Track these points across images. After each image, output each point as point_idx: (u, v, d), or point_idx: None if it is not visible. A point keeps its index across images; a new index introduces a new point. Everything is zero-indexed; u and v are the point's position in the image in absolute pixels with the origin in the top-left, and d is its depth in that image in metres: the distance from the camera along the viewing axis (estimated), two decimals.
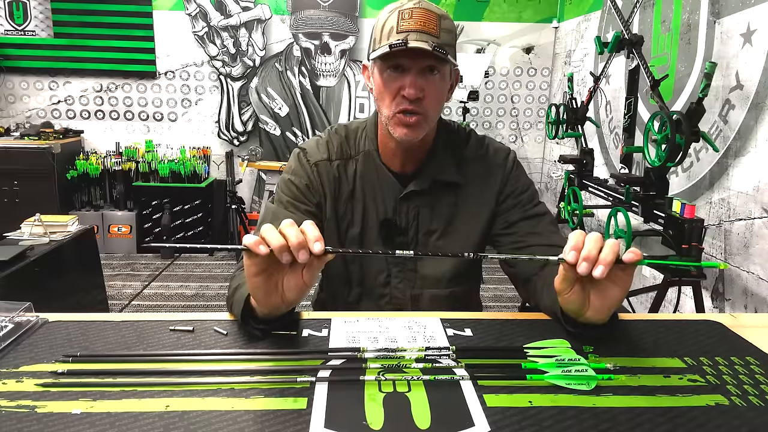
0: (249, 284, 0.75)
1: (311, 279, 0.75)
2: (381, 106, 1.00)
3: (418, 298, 1.11)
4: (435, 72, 0.96)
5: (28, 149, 3.84)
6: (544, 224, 1.08)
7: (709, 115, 2.11)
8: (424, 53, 0.92)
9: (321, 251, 0.70)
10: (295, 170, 1.10)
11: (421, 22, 0.92)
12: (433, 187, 1.07)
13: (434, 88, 0.97)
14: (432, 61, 0.94)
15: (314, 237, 0.70)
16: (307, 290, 0.76)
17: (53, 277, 2.22)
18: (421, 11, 0.93)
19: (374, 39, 0.98)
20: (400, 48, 0.91)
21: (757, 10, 1.97)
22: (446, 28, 0.95)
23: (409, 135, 0.98)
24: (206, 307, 3.24)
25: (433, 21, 0.93)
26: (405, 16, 0.93)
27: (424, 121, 0.98)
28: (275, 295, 0.75)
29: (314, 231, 0.71)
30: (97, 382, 0.66)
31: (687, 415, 0.62)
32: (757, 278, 1.93)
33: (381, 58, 0.96)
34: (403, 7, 0.94)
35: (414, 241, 1.09)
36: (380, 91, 0.99)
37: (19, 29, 4.14)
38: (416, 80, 0.95)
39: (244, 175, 4.44)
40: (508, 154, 1.13)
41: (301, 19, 4.22)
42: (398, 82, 0.96)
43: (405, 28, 0.92)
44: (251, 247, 0.70)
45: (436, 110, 1.01)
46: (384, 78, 0.97)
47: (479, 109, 4.44)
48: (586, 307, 0.77)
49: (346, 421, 0.60)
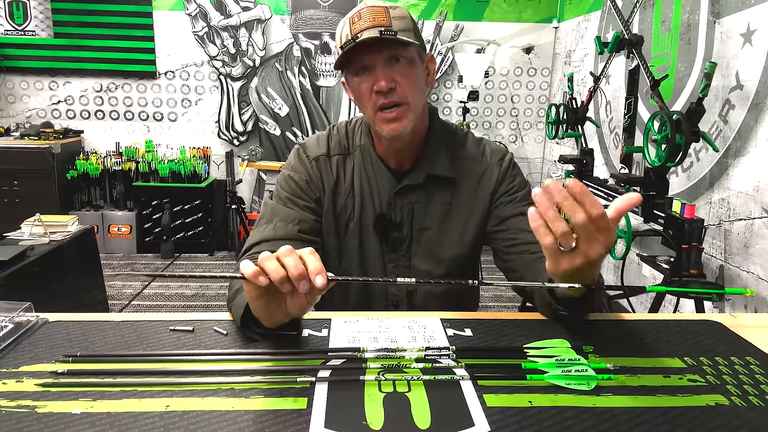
0: (251, 307, 0.75)
1: (314, 300, 0.73)
2: (363, 111, 1.03)
3: (414, 294, 1.11)
4: (401, 60, 0.98)
5: (28, 149, 3.84)
6: None
7: (709, 115, 2.11)
8: (379, 44, 0.94)
9: (323, 285, 0.67)
10: (294, 166, 1.11)
11: (370, 19, 0.95)
12: (428, 183, 1.07)
13: (404, 75, 0.98)
14: (391, 49, 0.96)
15: (315, 270, 0.67)
16: (310, 307, 0.75)
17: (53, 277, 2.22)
18: (368, 9, 0.96)
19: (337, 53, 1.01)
20: (351, 45, 0.93)
21: (757, 10, 1.97)
22: (397, 15, 0.97)
23: (396, 129, 0.99)
24: (206, 307, 3.24)
25: (381, 14, 0.95)
26: (355, 20, 0.96)
27: (408, 109, 0.99)
28: (278, 313, 0.74)
29: (315, 262, 0.68)
30: (97, 382, 0.66)
31: (687, 415, 0.62)
32: (757, 278, 1.93)
33: (344, 66, 0.99)
34: (351, 14, 0.98)
35: (408, 236, 1.09)
36: (357, 96, 1.02)
37: (19, 29, 4.15)
38: (384, 72, 0.96)
39: (244, 175, 4.44)
40: (505, 154, 1.13)
41: (301, 19, 4.22)
42: (368, 82, 0.98)
43: (357, 29, 0.95)
44: (250, 279, 0.68)
45: (416, 96, 1.01)
46: (356, 82, 1.00)
47: (479, 109, 4.44)
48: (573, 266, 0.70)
49: (346, 421, 0.60)
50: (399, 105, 0.98)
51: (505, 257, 1.08)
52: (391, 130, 0.99)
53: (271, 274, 0.68)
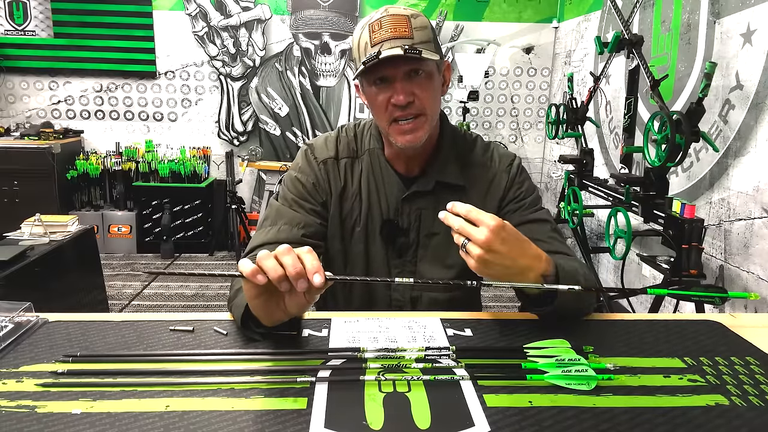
0: (251, 306, 0.75)
1: (313, 298, 0.73)
2: (378, 118, 1.01)
3: (418, 301, 1.11)
4: (420, 73, 0.96)
5: (28, 149, 3.83)
6: (545, 230, 1.06)
7: (709, 115, 2.11)
8: (401, 60, 0.92)
9: (321, 284, 0.68)
10: (302, 168, 1.10)
11: (391, 29, 0.92)
12: (437, 189, 1.07)
13: (423, 89, 0.97)
14: (412, 64, 0.94)
15: (313, 268, 0.68)
16: (309, 306, 0.75)
17: (53, 277, 2.22)
18: (389, 18, 0.94)
19: (355, 59, 0.99)
20: (374, 62, 0.91)
21: (757, 10, 1.97)
22: (419, 26, 0.95)
23: (411, 140, 0.98)
24: (206, 307, 3.24)
25: (403, 24, 0.93)
26: (375, 28, 0.93)
27: (425, 121, 0.99)
28: (277, 312, 0.74)
29: (313, 261, 0.69)
30: (97, 382, 0.66)
31: (687, 415, 0.62)
32: (757, 278, 1.93)
33: (363, 75, 0.96)
34: (372, 20, 0.95)
35: (415, 242, 1.09)
36: (372, 105, 1.00)
37: (19, 29, 4.14)
38: (403, 86, 0.95)
39: (244, 175, 4.44)
40: (513, 160, 1.12)
41: (301, 19, 4.22)
42: (386, 93, 0.96)
43: (377, 39, 0.92)
44: (248, 277, 0.68)
45: (433, 107, 1.00)
46: (373, 92, 0.98)
47: (479, 109, 4.44)
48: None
49: (346, 421, 0.60)
50: (416, 116, 0.97)
51: None
52: (406, 141, 0.98)
53: (269, 273, 0.68)
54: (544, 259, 0.84)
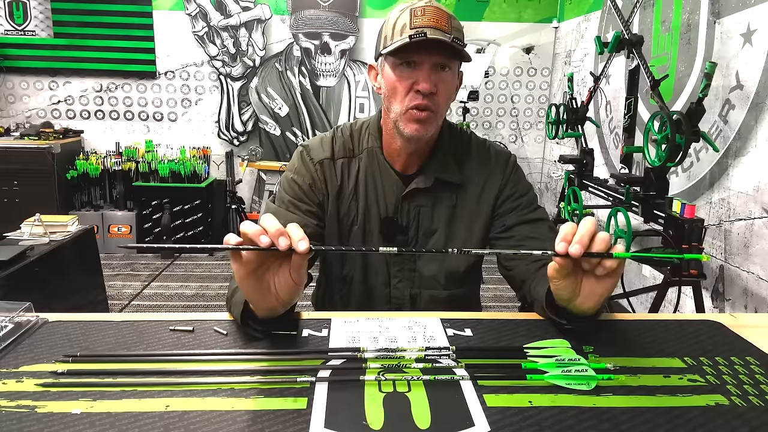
0: (242, 289, 0.74)
1: (299, 277, 0.73)
2: (392, 102, 1.01)
3: (417, 298, 1.11)
4: (446, 69, 0.98)
5: (28, 149, 3.84)
6: (542, 229, 1.07)
7: (709, 115, 2.11)
8: (438, 47, 0.94)
9: (306, 250, 0.69)
10: (298, 169, 1.10)
11: (434, 20, 0.94)
12: (435, 186, 1.07)
13: (446, 85, 0.99)
14: (444, 58, 0.96)
15: (298, 237, 0.69)
16: (298, 289, 0.74)
17: (53, 277, 2.22)
18: (434, 9, 0.96)
19: (385, 37, 0.99)
20: (419, 39, 0.92)
21: (757, 10, 1.97)
22: (456, 27, 0.98)
23: (420, 131, 0.99)
24: (206, 307, 3.24)
25: (444, 19, 0.96)
26: (418, 14, 0.95)
27: (435, 117, 0.99)
28: (269, 295, 0.74)
29: (298, 232, 0.70)
30: (97, 382, 0.66)
31: (687, 415, 0.62)
32: (757, 278, 1.93)
33: (395, 54, 0.96)
34: (414, 6, 0.97)
35: (414, 240, 1.09)
36: (392, 88, 1.00)
37: (19, 29, 4.14)
38: (430, 75, 0.96)
39: (244, 175, 4.44)
40: (509, 157, 1.13)
41: (301, 19, 4.22)
42: (411, 78, 0.97)
43: (419, 24, 0.94)
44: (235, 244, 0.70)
45: (445, 107, 1.02)
46: (397, 74, 0.98)
47: (479, 109, 4.44)
48: (577, 293, 0.75)
49: (346, 421, 0.60)
50: (430, 110, 0.98)
51: (507, 264, 1.08)
52: (414, 130, 0.99)
53: (249, 233, 0.69)
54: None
